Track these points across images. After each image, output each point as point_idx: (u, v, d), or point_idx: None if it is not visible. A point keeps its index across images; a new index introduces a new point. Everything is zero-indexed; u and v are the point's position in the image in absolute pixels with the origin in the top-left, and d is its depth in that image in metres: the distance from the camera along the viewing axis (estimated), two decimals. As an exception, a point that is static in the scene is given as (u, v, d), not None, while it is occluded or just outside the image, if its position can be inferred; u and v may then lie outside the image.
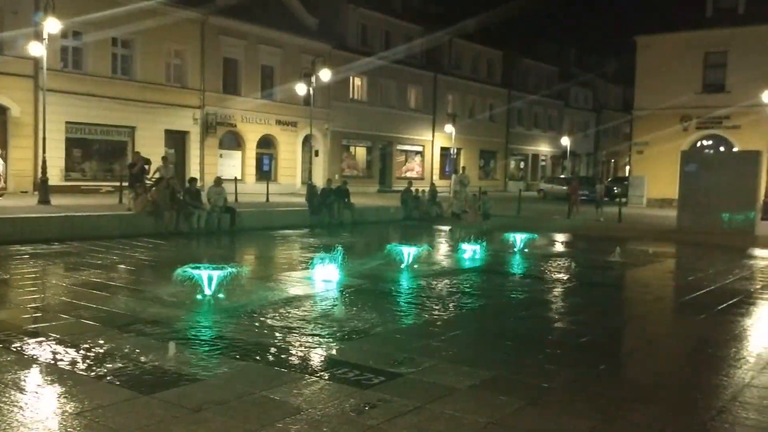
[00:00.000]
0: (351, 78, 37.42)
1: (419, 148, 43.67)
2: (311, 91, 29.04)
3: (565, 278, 11.41)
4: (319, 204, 20.33)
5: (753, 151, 20.21)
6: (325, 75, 28.63)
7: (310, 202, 20.54)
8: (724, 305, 9.28)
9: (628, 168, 44.73)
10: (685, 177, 18.91)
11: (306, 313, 8.08)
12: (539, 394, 5.46)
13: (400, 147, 42.10)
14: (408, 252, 11.63)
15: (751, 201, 18.03)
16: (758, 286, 11.28)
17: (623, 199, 30.38)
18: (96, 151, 26.39)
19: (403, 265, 11.57)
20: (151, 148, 24.88)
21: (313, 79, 28.73)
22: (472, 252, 13.15)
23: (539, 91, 53.91)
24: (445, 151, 44.09)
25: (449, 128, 42.45)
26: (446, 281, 9.65)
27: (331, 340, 6.95)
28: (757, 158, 18.31)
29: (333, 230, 18.77)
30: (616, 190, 35.80)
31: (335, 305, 7.69)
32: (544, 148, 57.61)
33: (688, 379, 6.15)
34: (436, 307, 8.68)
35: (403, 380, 5.56)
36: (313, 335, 7.04)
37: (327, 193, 21.28)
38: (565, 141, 55.50)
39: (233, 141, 31.50)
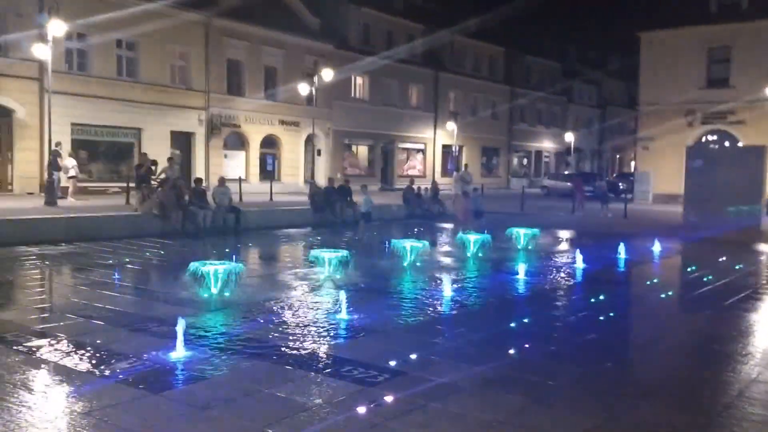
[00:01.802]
0: (353, 77, 37.44)
1: (421, 146, 43.66)
2: (314, 91, 29.07)
3: (568, 275, 11.41)
4: (321, 203, 20.36)
5: (758, 146, 20.12)
6: (328, 75, 28.65)
7: (312, 201, 20.58)
8: (731, 300, 9.27)
9: (633, 164, 44.65)
10: (691, 172, 18.84)
11: (311, 311, 8.11)
12: (544, 392, 5.47)
13: (401, 145, 42.09)
14: (410, 249, 11.66)
15: (757, 196, 17.96)
16: (764, 282, 11.26)
17: (629, 195, 30.36)
18: (102, 153, 26.48)
19: (406, 263, 11.59)
20: (158, 149, 24.96)
21: (316, 79, 28.76)
22: (474, 248, 13.14)
23: (542, 88, 53.86)
24: (447, 148, 44.07)
25: (451, 126, 42.42)
26: (450, 278, 9.66)
27: (336, 337, 6.99)
28: (762, 153, 18.23)
29: (336, 229, 18.81)
30: (621, 185, 35.75)
31: (340, 303, 7.71)
32: (547, 145, 57.49)
33: (695, 375, 6.15)
34: (441, 305, 8.70)
35: (408, 378, 5.58)
36: (319, 333, 7.07)
37: (329, 191, 21.31)
38: (569, 137, 55.37)
39: (237, 141, 31.56)
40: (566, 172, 48.39)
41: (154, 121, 27.13)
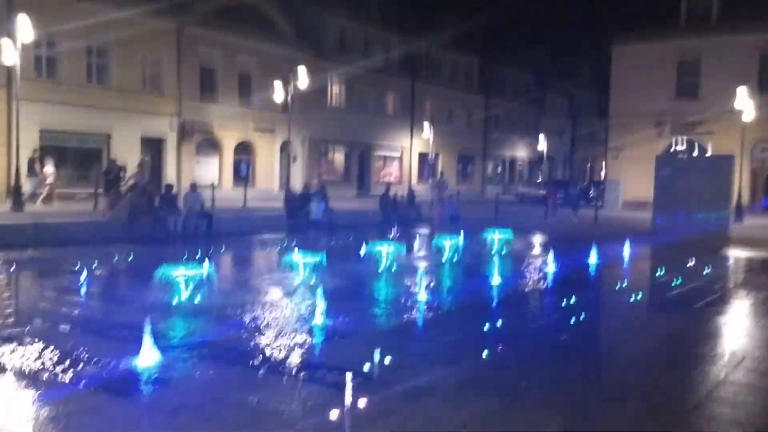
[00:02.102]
0: (329, 85, 37.40)
1: (397, 154, 43.76)
2: (289, 98, 28.97)
3: (540, 278, 11.48)
4: (295, 208, 20.25)
5: (725, 156, 20.54)
6: (303, 82, 28.59)
7: (287, 206, 20.46)
8: (699, 303, 9.40)
9: (603, 172, 45.20)
10: (660, 180, 19.17)
11: (283, 316, 8.04)
12: (518, 394, 5.48)
13: (378, 152, 42.14)
14: (385, 253, 11.64)
15: (725, 203, 18.34)
16: (732, 285, 11.45)
17: (599, 202, 30.72)
18: (71, 158, 26.04)
19: (381, 267, 11.57)
20: (127, 155, 24.64)
21: (291, 86, 28.66)
22: (449, 253, 13.19)
23: (516, 98, 54.52)
24: (423, 156, 44.24)
25: (427, 133, 42.61)
26: (424, 281, 9.65)
27: (308, 342, 6.92)
28: (729, 163, 18.64)
29: (310, 234, 18.71)
30: (592, 193, 36.17)
31: (313, 307, 7.65)
32: (521, 153, 58.13)
33: (664, 376, 6.21)
34: (415, 308, 8.68)
35: (383, 381, 5.54)
36: (291, 337, 7.00)
37: (305, 197, 21.21)
38: (542, 146, 55.97)
39: (210, 147, 31.28)
40: (539, 180, 48.88)
41: (124, 126, 26.78)
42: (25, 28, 18.11)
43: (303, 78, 28.14)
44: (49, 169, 22.07)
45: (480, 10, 49.37)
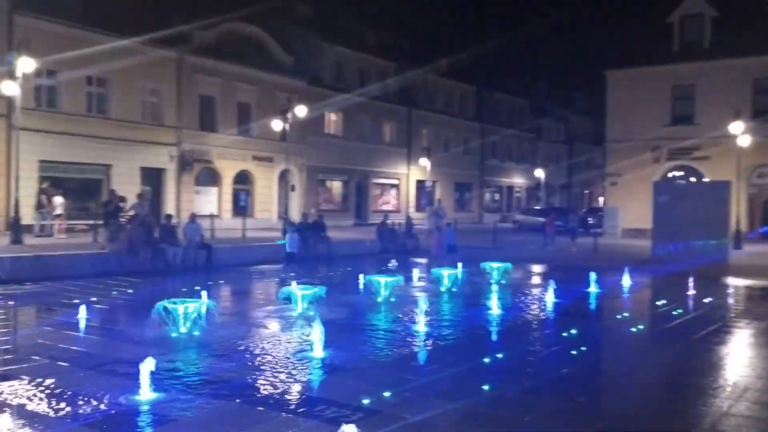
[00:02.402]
0: (326, 114, 37.66)
1: (395, 182, 43.92)
2: (287, 127, 29.16)
3: (540, 309, 11.44)
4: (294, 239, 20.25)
5: (723, 182, 20.59)
6: (301, 111, 28.81)
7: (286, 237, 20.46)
8: (701, 334, 9.37)
9: (602, 199, 45.30)
10: (658, 207, 19.22)
11: (283, 349, 8.00)
12: (520, 428, 5.44)
13: (375, 180, 42.27)
14: (384, 284, 11.62)
15: (723, 230, 18.36)
16: (733, 315, 11.41)
17: (598, 230, 30.71)
18: (70, 190, 26.09)
19: (380, 298, 11.54)
20: (127, 186, 24.68)
21: (289, 115, 28.88)
22: (448, 283, 13.18)
23: (512, 125, 54.88)
24: (420, 184, 44.41)
25: (424, 161, 42.81)
26: (424, 312, 9.62)
27: (308, 376, 6.89)
28: (727, 189, 18.70)
29: (309, 264, 18.68)
30: (591, 220, 36.19)
31: (312, 340, 7.62)
32: (518, 180, 58.29)
33: (667, 408, 6.17)
34: (415, 340, 8.65)
35: (382, 416, 5.51)
36: (290, 371, 6.96)
37: (303, 227, 21.24)
38: (539, 173, 56.18)
39: (210, 177, 31.39)
40: (537, 207, 48.95)
41: (123, 157, 26.89)
42: (25, 57, 18.28)
43: (301, 106, 28.37)
44: (59, 199, 22.32)
45: (475, 37, 50.03)
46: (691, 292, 13.25)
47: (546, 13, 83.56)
